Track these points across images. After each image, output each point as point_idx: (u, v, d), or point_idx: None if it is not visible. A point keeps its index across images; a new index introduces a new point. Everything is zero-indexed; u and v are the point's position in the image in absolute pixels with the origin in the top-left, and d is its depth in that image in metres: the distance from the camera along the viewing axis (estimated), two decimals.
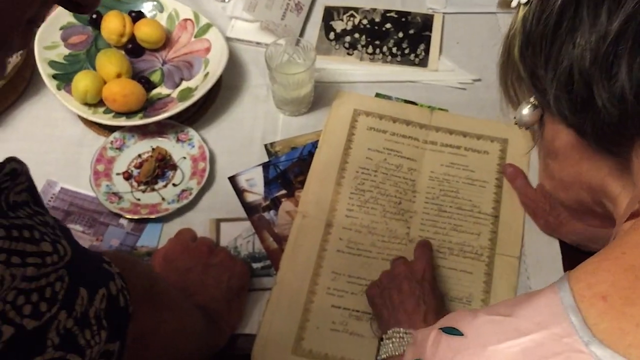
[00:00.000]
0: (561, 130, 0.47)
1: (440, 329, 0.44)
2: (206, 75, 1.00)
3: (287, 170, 0.96)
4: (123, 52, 1.03)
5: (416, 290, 0.78)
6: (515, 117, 0.51)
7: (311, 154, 0.97)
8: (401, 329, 0.74)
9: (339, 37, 1.11)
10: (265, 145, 0.99)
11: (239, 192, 0.94)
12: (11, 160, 0.44)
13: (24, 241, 0.42)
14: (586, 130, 0.44)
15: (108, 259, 0.55)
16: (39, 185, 0.58)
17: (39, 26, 0.47)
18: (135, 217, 0.90)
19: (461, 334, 0.42)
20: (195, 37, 1.05)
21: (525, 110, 0.49)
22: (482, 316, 0.42)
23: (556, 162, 0.51)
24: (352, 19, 1.12)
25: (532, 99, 0.49)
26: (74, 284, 0.46)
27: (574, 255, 0.88)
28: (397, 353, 0.73)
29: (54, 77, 0.98)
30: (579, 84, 0.42)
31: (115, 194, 0.93)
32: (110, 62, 0.98)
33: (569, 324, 0.38)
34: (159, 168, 0.95)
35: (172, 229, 0.90)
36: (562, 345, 0.38)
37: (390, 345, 0.74)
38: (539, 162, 0.55)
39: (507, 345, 0.39)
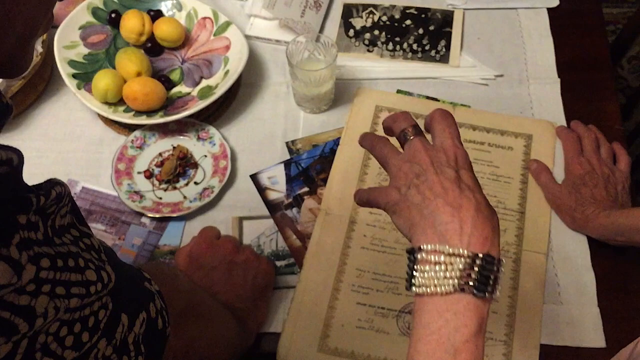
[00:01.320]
0: None
1: None
2: (226, 73, 1.00)
3: (309, 168, 0.95)
4: (142, 51, 1.03)
5: (455, 179, 0.54)
6: None
7: (333, 151, 0.96)
8: (437, 245, 0.49)
9: (358, 34, 1.10)
10: (287, 143, 0.98)
11: (261, 190, 0.93)
12: (55, 183, 0.42)
13: (68, 270, 0.40)
14: None
15: (148, 275, 0.54)
16: None
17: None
18: (157, 215, 0.90)
19: None
20: (214, 35, 1.05)
21: None
22: None
23: None
24: (371, 15, 1.12)
25: None
26: (116, 311, 0.45)
27: (601, 251, 0.87)
28: (437, 289, 0.49)
29: (74, 76, 0.98)
30: None
31: (136, 192, 0.92)
32: (130, 61, 0.98)
33: None
34: (180, 166, 0.94)
35: (194, 227, 0.90)
36: None
37: (427, 274, 0.49)
38: None
39: None
